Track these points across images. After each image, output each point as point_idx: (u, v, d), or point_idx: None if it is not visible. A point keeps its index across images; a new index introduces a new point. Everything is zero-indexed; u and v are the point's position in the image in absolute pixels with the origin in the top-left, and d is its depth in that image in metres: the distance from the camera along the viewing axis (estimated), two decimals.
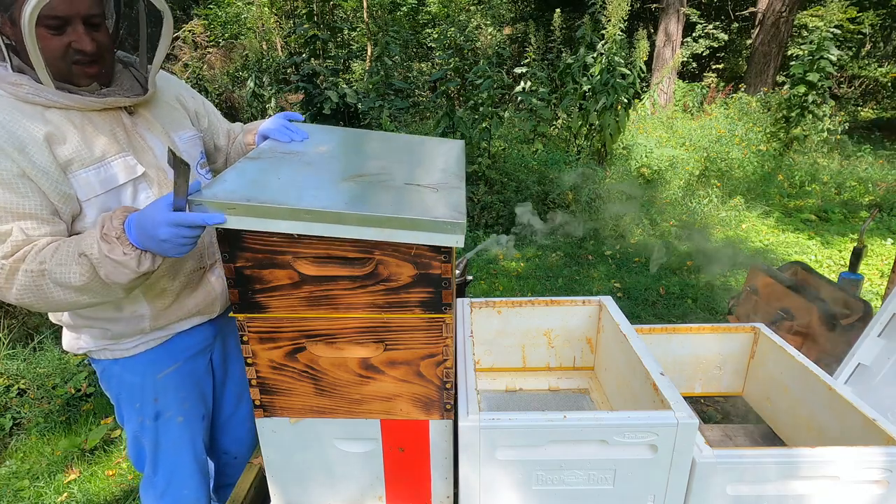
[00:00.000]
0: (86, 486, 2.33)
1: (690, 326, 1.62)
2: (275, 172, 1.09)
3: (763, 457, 1.08)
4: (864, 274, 3.67)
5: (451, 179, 1.15)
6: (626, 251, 4.89)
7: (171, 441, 1.43)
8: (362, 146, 1.40)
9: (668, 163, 6.40)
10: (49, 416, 2.75)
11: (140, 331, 1.32)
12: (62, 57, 1.12)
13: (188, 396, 1.44)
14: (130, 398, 1.39)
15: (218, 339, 1.52)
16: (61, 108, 1.14)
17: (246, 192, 0.96)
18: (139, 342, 1.34)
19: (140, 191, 1.23)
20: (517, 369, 1.68)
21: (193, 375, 1.45)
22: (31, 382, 2.98)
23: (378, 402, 1.09)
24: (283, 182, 1.04)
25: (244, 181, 1.04)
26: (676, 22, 9.61)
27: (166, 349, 1.38)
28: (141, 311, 1.30)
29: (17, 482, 2.36)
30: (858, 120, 10.59)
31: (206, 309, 1.42)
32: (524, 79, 6.43)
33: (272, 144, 1.29)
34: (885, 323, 1.55)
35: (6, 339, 3.22)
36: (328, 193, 1.01)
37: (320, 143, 1.32)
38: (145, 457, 1.45)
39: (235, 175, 1.06)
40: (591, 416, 1.08)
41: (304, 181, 1.07)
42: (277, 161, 1.17)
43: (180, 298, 1.35)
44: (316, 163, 1.19)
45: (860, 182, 6.26)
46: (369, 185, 1.07)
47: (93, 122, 1.18)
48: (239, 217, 0.93)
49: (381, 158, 1.27)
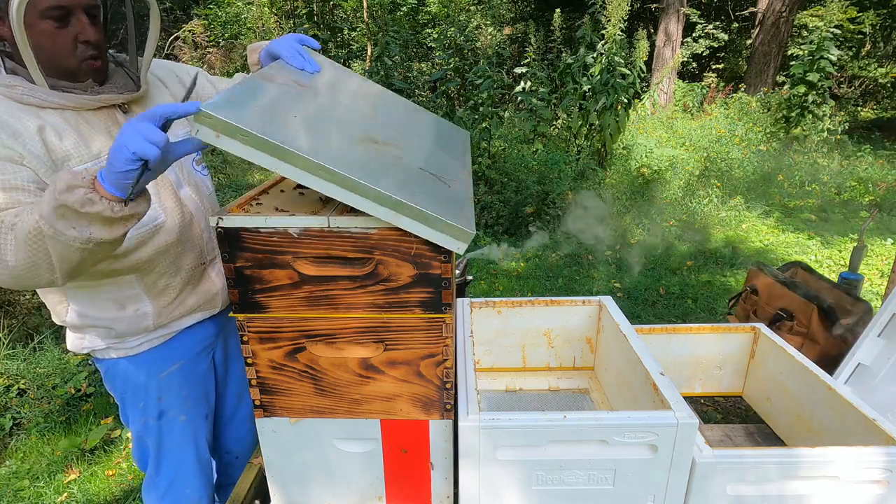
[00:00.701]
0: (86, 486, 2.33)
1: (690, 326, 1.62)
2: (290, 107, 0.99)
3: (763, 457, 1.08)
4: (864, 274, 3.66)
5: (462, 174, 1.15)
6: (627, 251, 4.89)
7: (175, 440, 1.44)
8: (377, 103, 1.31)
9: (668, 163, 6.40)
10: (49, 416, 2.75)
11: (144, 329, 1.32)
12: (71, 52, 1.12)
13: (191, 395, 1.44)
14: (135, 397, 1.39)
15: (220, 337, 1.52)
16: (56, 108, 1.14)
17: (261, 123, 0.87)
18: (143, 340, 1.34)
19: None
20: (517, 369, 1.68)
21: (196, 374, 1.45)
22: (31, 382, 2.98)
23: (378, 402, 1.09)
24: (299, 123, 0.95)
25: (258, 107, 0.92)
26: (676, 22, 9.61)
27: (170, 347, 1.39)
28: (144, 308, 1.30)
29: (17, 482, 2.36)
30: (858, 120, 10.58)
31: (208, 305, 1.43)
32: (524, 79, 6.43)
33: (284, 69, 1.16)
34: (885, 323, 1.55)
35: (6, 339, 3.22)
36: (346, 154, 0.95)
37: (335, 84, 1.24)
38: (149, 456, 1.45)
39: (247, 96, 0.94)
40: (591, 416, 1.08)
41: (322, 129, 0.99)
42: (291, 93, 1.06)
43: (182, 295, 1.36)
44: (330, 109, 1.11)
45: (860, 182, 6.26)
46: (384, 157, 1.02)
47: (88, 121, 1.18)
48: (249, 149, 0.85)
49: (395, 125, 1.22)
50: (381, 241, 0.95)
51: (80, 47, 1.13)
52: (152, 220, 1.24)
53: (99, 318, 1.28)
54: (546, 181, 5.55)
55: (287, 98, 1.02)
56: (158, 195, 1.27)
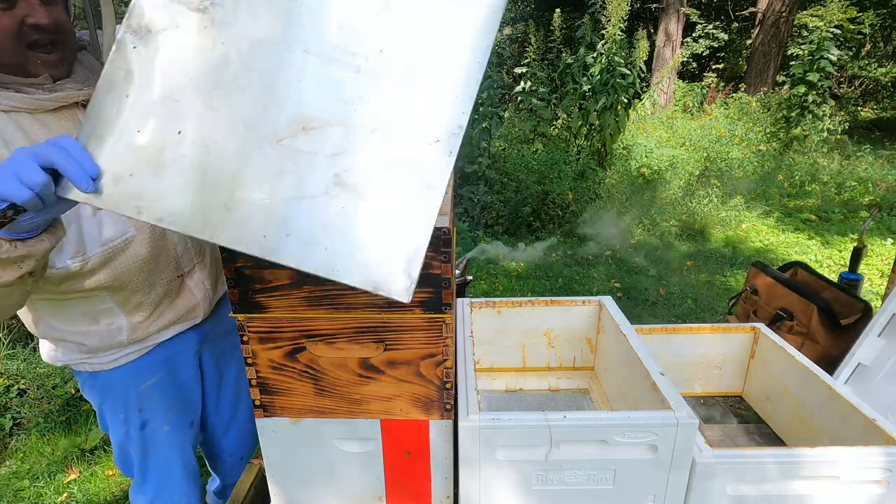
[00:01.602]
0: (86, 486, 2.33)
1: (690, 326, 1.62)
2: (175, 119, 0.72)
3: (763, 457, 1.08)
4: (864, 274, 3.66)
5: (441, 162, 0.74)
6: (627, 251, 4.89)
7: (159, 449, 1.39)
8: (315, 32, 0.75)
9: (668, 163, 6.40)
10: (49, 416, 2.75)
11: (118, 344, 1.24)
12: (16, 39, 0.93)
13: (173, 405, 1.38)
14: (114, 409, 1.34)
15: (206, 344, 1.45)
16: (6, 111, 0.97)
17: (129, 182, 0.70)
18: (118, 355, 1.27)
19: None
20: (517, 369, 1.68)
21: (177, 384, 1.39)
22: (31, 382, 2.99)
23: (378, 402, 1.09)
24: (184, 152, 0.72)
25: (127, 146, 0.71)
26: (676, 22, 9.62)
27: (147, 361, 1.31)
28: (118, 323, 1.22)
29: (17, 482, 2.36)
30: (858, 120, 10.59)
31: (187, 316, 1.34)
32: (524, 79, 6.43)
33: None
34: (885, 323, 1.55)
35: (6, 339, 3.22)
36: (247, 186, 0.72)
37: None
38: (132, 463, 1.41)
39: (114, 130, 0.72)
40: (591, 416, 1.08)
41: (217, 142, 0.72)
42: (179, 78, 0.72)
43: (159, 310, 1.27)
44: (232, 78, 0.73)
45: (860, 182, 6.27)
46: (311, 166, 0.73)
47: (45, 124, 1.01)
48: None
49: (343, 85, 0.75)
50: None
51: (25, 31, 0.94)
52: (120, 235, 1.11)
53: (69, 331, 1.20)
54: (546, 181, 5.55)
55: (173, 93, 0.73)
56: None
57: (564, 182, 5.47)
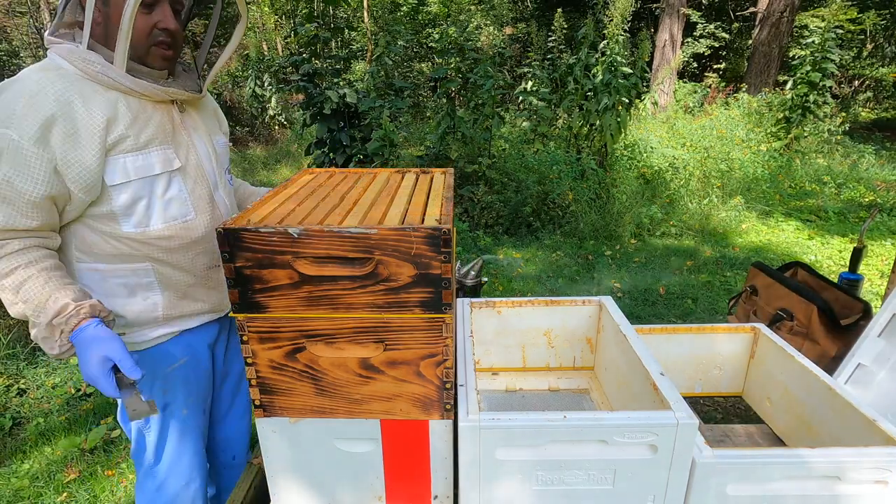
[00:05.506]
0: (85, 486, 2.33)
1: (690, 326, 1.62)
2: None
3: (763, 457, 1.08)
4: (864, 274, 3.66)
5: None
6: (627, 251, 4.89)
7: (176, 432, 1.45)
8: None
9: (669, 163, 6.40)
10: (49, 416, 2.75)
11: (153, 319, 1.33)
12: (146, 36, 1.18)
13: (193, 390, 1.45)
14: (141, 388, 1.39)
15: (223, 335, 1.54)
16: (124, 92, 1.18)
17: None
18: (152, 335, 1.35)
19: (173, 183, 1.27)
20: (517, 369, 1.68)
21: (199, 370, 1.47)
22: (31, 382, 2.99)
23: (378, 402, 1.09)
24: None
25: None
26: (677, 22, 9.62)
27: (175, 344, 1.40)
28: (154, 298, 1.32)
29: (16, 482, 2.36)
30: (859, 120, 10.58)
31: (217, 307, 1.44)
32: (525, 79, 6.42)
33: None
34: (885, 323, 1.55)
35: (6, 339, 3.22)
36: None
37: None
38: (144, 449, 1.45)
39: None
40: (591, 416, 1.08)
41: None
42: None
43: (194, 293, 1.38)
44: None
45: (860, 182, 6.26)
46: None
47: (146, 110, 1.22)
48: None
49: None
50: (381, 241, 0.95)
51: (155, 32, 1.18)
52: (183, 216, 1.29)
53: (107, 303, 1.28)
54: (546, 181, 5.55)
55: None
56: (193, 192, 1.30)
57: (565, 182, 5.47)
